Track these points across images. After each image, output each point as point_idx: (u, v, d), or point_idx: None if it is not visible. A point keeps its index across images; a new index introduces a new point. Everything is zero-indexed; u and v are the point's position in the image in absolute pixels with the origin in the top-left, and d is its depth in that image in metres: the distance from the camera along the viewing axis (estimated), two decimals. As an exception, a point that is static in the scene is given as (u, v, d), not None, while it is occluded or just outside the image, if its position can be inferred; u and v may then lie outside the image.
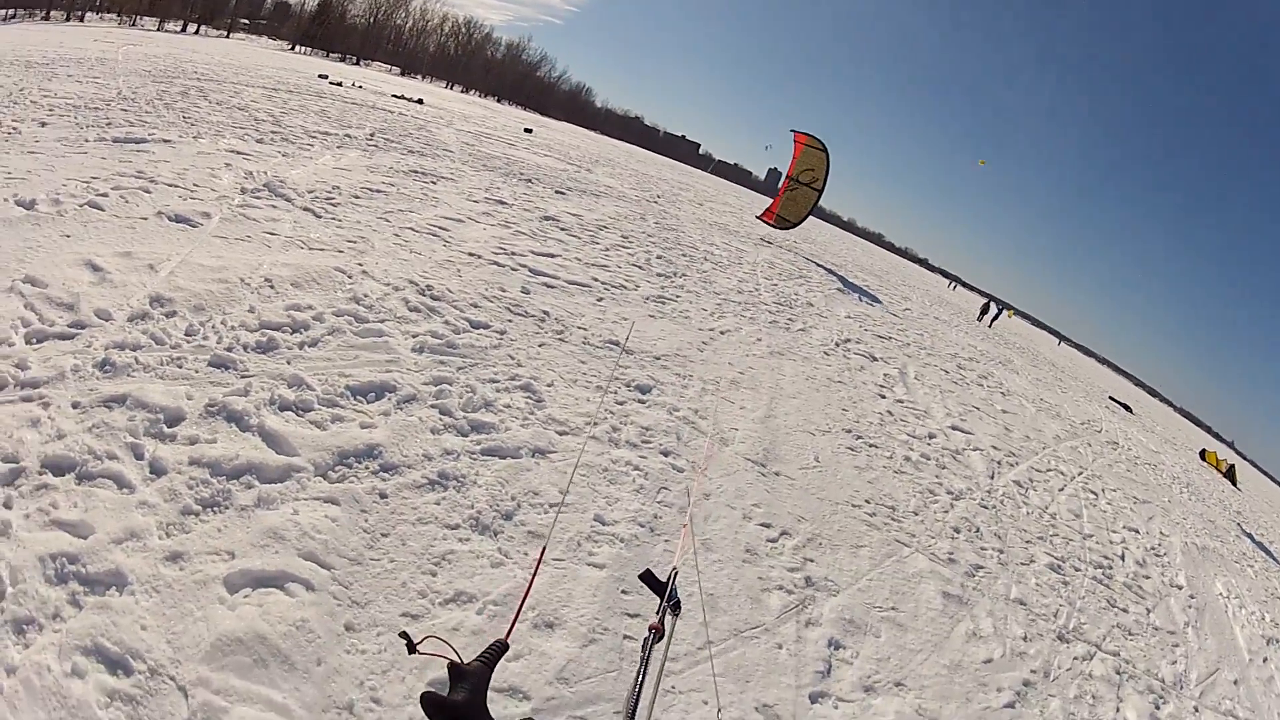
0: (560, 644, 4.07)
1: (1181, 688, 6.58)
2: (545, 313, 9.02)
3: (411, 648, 1.59)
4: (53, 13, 50.25)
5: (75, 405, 4.74)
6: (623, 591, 4.64)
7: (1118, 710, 5.71)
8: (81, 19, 52.51)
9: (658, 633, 2.17)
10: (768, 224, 29.61)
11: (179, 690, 3.12)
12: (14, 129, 10.78)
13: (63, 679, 3.04)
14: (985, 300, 49.58)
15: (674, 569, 2.71)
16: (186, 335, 5.95)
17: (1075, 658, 6.14)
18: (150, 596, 3.52)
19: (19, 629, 3.22)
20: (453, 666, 1.51)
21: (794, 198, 28.88)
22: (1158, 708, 6.00)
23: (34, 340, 5.33)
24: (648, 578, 2.47)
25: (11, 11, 46.56)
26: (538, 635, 4.08)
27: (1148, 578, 8.88)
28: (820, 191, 28.11)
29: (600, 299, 10.59)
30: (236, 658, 3.32)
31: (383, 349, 6.65)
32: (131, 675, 3.14)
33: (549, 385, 7.05)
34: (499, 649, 1.65)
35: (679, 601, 2.41)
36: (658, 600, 2.36)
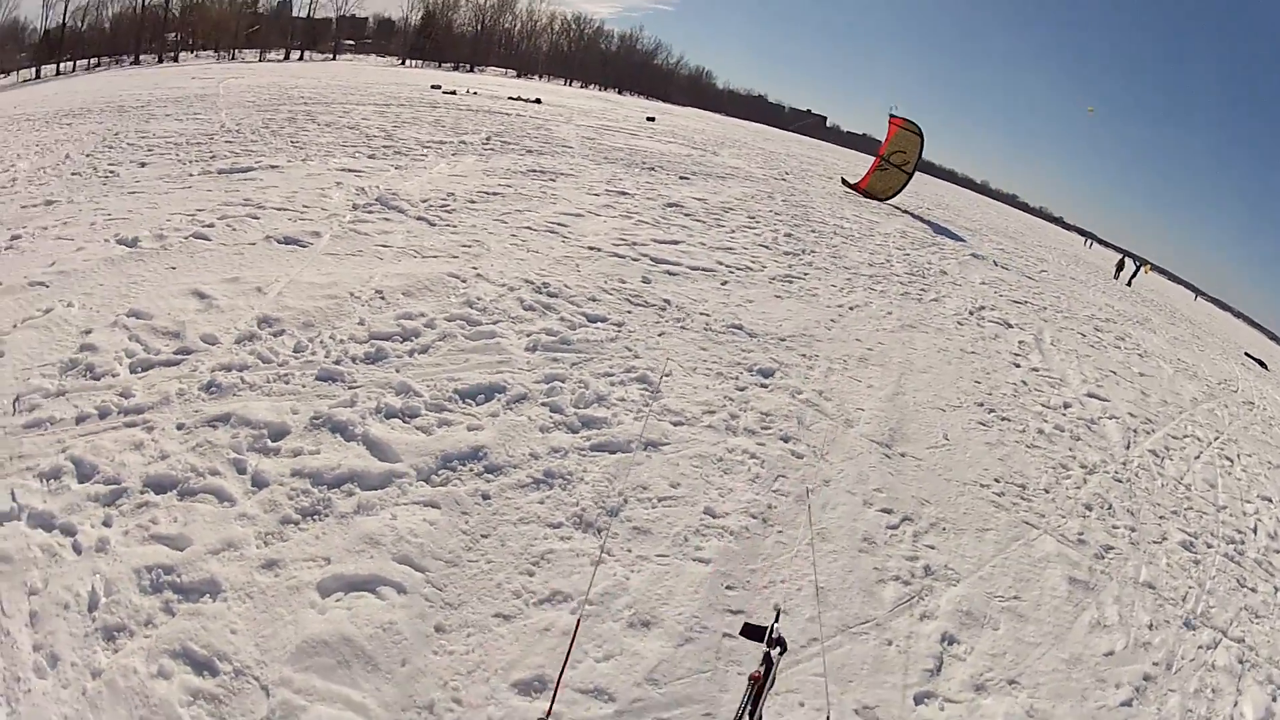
0: (655, 643, 4.09)
1: (1303, 675, 6.00)
2: (666, 301, 9.13)
3: None
4: (143, 57, 54.08)
5: (180, 427, 5.19)
6: (727, 587, 4.64)
7: (1235, 704, 5.29)
8: (176, 59, 55.87)
9: (757, 681, 2.26)
10: (859, 191, 29.24)
11: (261, 689, 3.37)
12: (111, 173, 11.92)
13: (148, 680, 3.34)
14: (1120, 256, 46.43)
15: (777, 607, 2.80)
16: (294, 352, 6.39)
17: (1200, 646, 5.76)
18: (243, 603, 3.81)
19: (109, 636, 3.56)
20: None
21: (884, 177, 29.16)
22: (1275, 699, 5.51)
23: (139, 369, 5.86)
24: (748, 631, 2.58)
25: (96, 60, 50.56)
26: (631, 634, 4.11)
27: (1279, 552, 8.16)
28: (910, 175, 28.53)
29: (724, 283, 10.63)
30: (320, 659, 3.55)
31: (494, 350, 6.92)
32: (217, 675, 3.41)
33: (667, 375, 7.11)
34: None
35: (782, 639, 2.47)
36: (763, 647, 2.43)
